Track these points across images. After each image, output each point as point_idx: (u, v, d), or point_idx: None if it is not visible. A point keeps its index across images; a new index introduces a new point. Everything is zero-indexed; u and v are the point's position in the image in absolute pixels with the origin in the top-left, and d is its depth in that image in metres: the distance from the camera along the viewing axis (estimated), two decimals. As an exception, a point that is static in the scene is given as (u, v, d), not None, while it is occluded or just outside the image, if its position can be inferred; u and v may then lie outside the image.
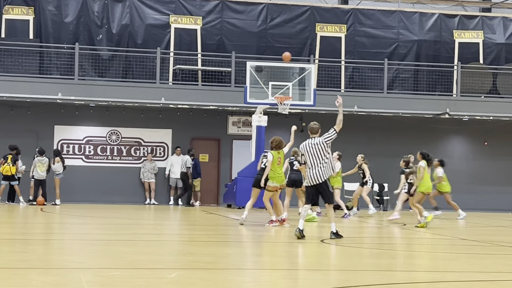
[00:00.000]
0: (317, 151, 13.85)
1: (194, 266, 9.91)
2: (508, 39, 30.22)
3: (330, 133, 13.99)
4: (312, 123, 14.37)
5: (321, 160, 13.77)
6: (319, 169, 13.70)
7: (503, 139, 29.15)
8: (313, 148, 13.90)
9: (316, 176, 13.70)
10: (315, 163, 13.77)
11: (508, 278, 9.27)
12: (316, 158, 13.81)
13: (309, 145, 14.02)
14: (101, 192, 27.09)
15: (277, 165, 17.21)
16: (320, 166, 13.71)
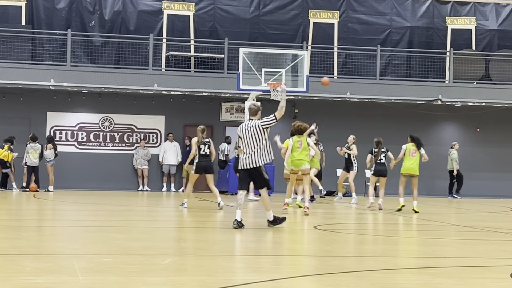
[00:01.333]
0: (253, 134, 12.98)
1: (187, 252, 9.93)
2: (500, 25, 30.24)
3: (270, 119, 13.08)
4: (251, 104, 13.46)
5: (257, 144, 12.93)
6: (254, 154, 12.90)
7: (495, 125, 29.23)
8: (249, 131, 13.03)
9: (250, 160, 12.91)
10: (250, 146, 12.93)
11: (501, 263, 9.33)
12: (251, 141, 12.97)
13: (245, 127, 13.12)
14: (94, 178, 27.09)
15: (297, 149, 17.46)
16: (254, 150, 12.91)
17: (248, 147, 12.94)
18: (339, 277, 7.96)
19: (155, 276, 7.62)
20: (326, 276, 8.05)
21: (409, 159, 18.73)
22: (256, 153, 12.91)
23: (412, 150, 18.71)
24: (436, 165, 27.14)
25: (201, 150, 18.05)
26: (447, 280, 7.88)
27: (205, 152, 18.06)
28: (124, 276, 7.52)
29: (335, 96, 27.33)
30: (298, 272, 8.04)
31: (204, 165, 18.33)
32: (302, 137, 17.63)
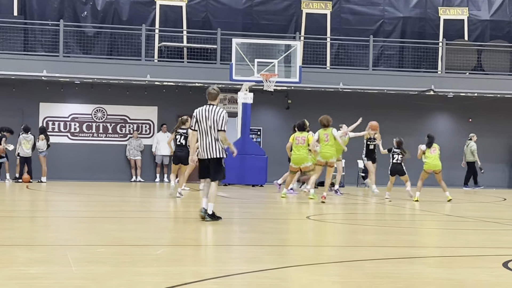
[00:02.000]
0: (212, 121, 12.12)
1: (180, 242, 9.96)
2: (493, 16, 30.28)
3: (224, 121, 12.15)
4: (211, 88, 12.49)
5: (214, 132, 12.09)
6: (212, 141, 12.09)
7: (487, 115, 29.29)
8: (208, 116, 12.16)
9: (208, 149, 12.12)
10: (208, 133, 12.12)
11: (492, 253, 9.38)
12: (209, 128, 12.12)
13: (205, 111, 12.27)
14: (87, 169, 27.07)
15: (324, 142, 17.62)
16: (212, 137, 12.09)
17: (207, 133, 12.12)
18: (331, 267, 8.00)
19: (148, 266, 7.64)
20: (318, 266, 8.08)
21: (430, 156, 19.18)
22: (215, 142, 12.09)
23: (433, 148, 19.06)
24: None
25: (176, 140, 18.35)
26: (439, 270, 7.93)
27: (181, 143, 18.28)
28: (117, 266, 7.54)
29: (327, 86, 27.36)
30: (291, 262, 8.08)
31: (179, 156, 18.50)
32: (328, 129, 17.77)
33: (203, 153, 12.18)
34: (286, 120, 28.31)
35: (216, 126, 12.07)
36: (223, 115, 12.14)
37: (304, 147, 18.73)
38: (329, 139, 17.66)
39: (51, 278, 6.84)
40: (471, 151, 27.89)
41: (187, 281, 6.75)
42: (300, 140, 18.92)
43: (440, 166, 19.27)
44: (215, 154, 12.11)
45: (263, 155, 25.27)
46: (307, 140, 18.69)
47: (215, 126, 12.08)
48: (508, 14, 30.41)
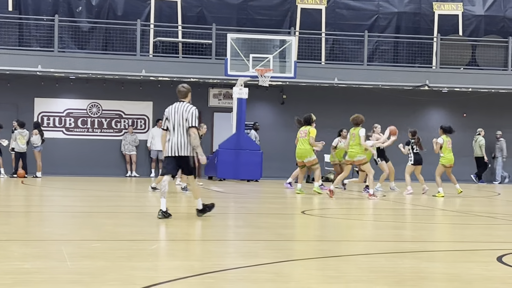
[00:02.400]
0: (182, 118, 11.76)
1: (175, 237, 9.97)
2: (487, 11, 30.32)
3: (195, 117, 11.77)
4: (180, 86, 12.14)
5: (184, 129, 11.73)
6: (182, 140, 11.73)
7: (482, 110, 29.35)
8: (178, 113, 11.79)
9: (178, 147, 11.75)
10: (179, 130, 11.75)
11: (486, 247, 9.41)
12: (179, 125, 11.75)
13: (175, 108, 11.90)
14: (82, 164, 27.07)
15: (351, 141, 17.71)
16: (183, 135, 11.72)
17: (177, 131, 11.74)
18: (326, 261, 8.03)
19: (143, 261, 7.66)
20: (313, 260, 8.11)
21: (449, 150, 19.32)
22: (185, 140, 11.73)
23: (449, 141, 19.16)
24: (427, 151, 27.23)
25: None
26: (434, 264, 7.96)
27: None
28: (112, 261, 7.56)
29: (322, 82, 27.38)
30: (286, 256, 8.10)
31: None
32: (356, 129, 17.75)
33: (170, 150, 11.78)
34: (281, 115, 28.36)
35: (187, 123, 11.70)
36: (193, 111, 11.78)
37: (306, 140, 18.63)
38: (355, 138, 17.64)
39: (46, 273, 6.85)
40: (479, 145, 28.04)
41: (182, 276, 6.76)
42: (302, 134, 18.82)
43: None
44: (184, 152, 11.75)
45: (258, 150, 25.30)
46: (309, 134, 18.61)
47: (185, 123, 11.71)
48: (502, 9, 30.45)
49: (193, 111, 11.80)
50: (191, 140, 11.70)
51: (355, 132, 17.75)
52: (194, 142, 11.70)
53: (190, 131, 11.70)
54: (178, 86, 12.16)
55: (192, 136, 11.68)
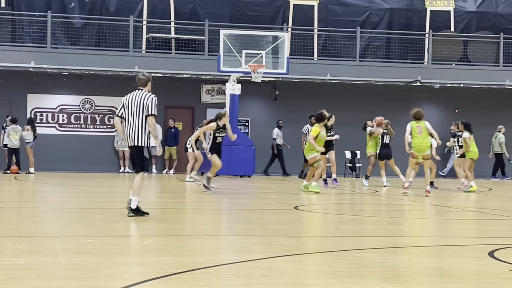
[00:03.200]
0: (140, 106, 11.26)
1: (169, 233, 10.00)
2: (478, 7, 30.39)
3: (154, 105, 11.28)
4: (140, 74, 11.60)
5: (141, 117, 11.24)
6: (138, 128, 11.24)
7: (473, 106, 29.42)
8: (135, 101, 11.32)
9: (131, 136, 11.31)
10: (135, 119, 11.27)
11: (478, 242, 9.47)
12: (136, 113, 11.27)
13: (133, 96, 11.41)
14: (75, 160, 27.05)
15: (418, 134, 17.37)
16: (140, 124, 11.24)
17: (133, 119, 11.29)
18: (319, 257, 8.07)
19: (136, 256, 7.68)
20: (306, 256, 8.15)
21: (474, 144, 19.80)
22: (141, 130, 11.25)
23: (472, 135, 19.65)
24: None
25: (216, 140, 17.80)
26: (426, 259, 8.00)
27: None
28: (105, 257, 7.58)
29: (315, 77, 27.42)
30: (279, 252, 8.13)
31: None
32: (420, 122, 17.52)
33: (127, 140, 11.43)
34: (274, 111, 28.39)
35: (145, 111, 11.18)
36: (152, 98, 11.23)
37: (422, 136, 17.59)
38: (422, 131, 17.39)
39: (39, 269, 6.86)
40: (500, 142, 28.18)
41: (176, 271, 6.79)
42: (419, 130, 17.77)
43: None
44: (137, 141, 11.25)
45: (251, 146, 25.32)
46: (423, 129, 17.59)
47: (144, 111, 11.19)
48: (494, 5, 30.53)
49: (153, 98, 11.27)
50: (150, 128, 11.20)
51: (421, 125, 17.42)
52: (153, 131, 11.23)
53: (149, 119, 11.17)
54: (138, 74, 11.61)
55: (150, 124, 11.18)
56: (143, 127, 11.22)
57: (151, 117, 11.17)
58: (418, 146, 17.45)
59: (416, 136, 17.44)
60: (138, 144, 11.25)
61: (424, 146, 17.44)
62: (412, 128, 17.53)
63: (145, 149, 11.32)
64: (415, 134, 17.44)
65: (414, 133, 17.45)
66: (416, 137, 17.45)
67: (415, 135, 17.45)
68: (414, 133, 17.45)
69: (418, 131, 17.42)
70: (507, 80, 28.65)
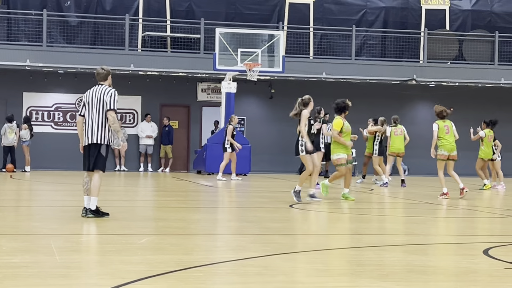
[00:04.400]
0: (100, 102, 10.90)
1: (164, 231, 10.02)
2: (474, 5, 30.45)
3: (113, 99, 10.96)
4: (99, 68, 11.33)
5: (101, 114, 10.87)
6: (98, 125, 10.87)
7: (469, 105, 29.46)
8: (95, 97, 10.96)
9: (91, 133, 10.93)
10: (95, 115, 10.89)
11: (472, 240, 9.50)
12: (96, 110, 10.90)
13: (92, 91, 11.06)
14: (71, 159, 26.96)
15: (446, 134, 16.72)
16: (100, 121, 10.87)
17: (94, 116, 10.90)
18: (314, 255, 8.09)
19: (132, 255, 7.70)
20: (302, 254, 8.18)
21: (489, 145, 20.05)
22: (101, 127, 10.87)
23: (490, 136, 19.67)
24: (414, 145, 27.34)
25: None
26: (421, 257, 8.03)
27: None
28: (101, 255, 7.60)
29: (311, 76, 27.45)
30: (274, 250, 8.16)
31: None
32: (447, 121, 16.91)
33: (86, 138, 10.96)
34: (270, 109, 28.41)
35: (105, 106, 10.80)
36: (112, 93, 10.89)
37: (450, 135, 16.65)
38: (450, 130, 16.77)
39: (35, 267, 6.87)
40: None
41: (172, 270, 6.81)
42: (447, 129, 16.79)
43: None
44: (96, 138, 10.83)
45: (247, 145, 25.34)
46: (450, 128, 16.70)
47: (104, 106, 10.81)
48: (489, 4, 30.59)
49: (113, 93, 10.92)
50: (110, 123, 10.82)
51: (448, 125, 16.82)
52: (114, 126, 10.85)
53: (108, 114, 10.78)
54: (98, 68, 11.29)
55: (110, 119, 10.79)
56: (103, 124, 10.83)
57: (110, 112, 10.78)
58: (448, 145, 16.65)
59: (444, 136, 16.74)
60: (98, 142, 10.85)
61: (453, 146, 16.71)
62: (439, 127, 16.81)
63: (104, 147, 10.91)
64: (443, 134, 16.74)
65: (442, 133, 16.74)
66: (444, 137, 16.74)
67: (442, 135, 16.74)
68: (441, 133, 16.74)
69: (446, 131, 16.76)
70: (502, 78, 28.70)
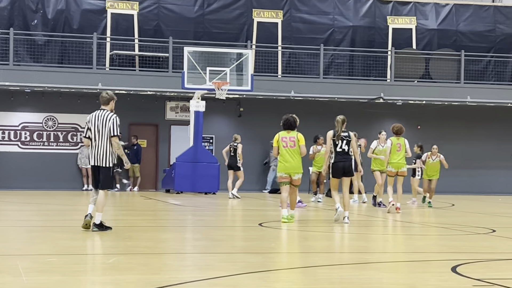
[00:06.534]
0: (103, 127, 11.66)
1: (133, 251, 9.95)
2: (440, 25, 30.80)
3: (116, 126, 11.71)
4: (104, 93, 11.99)
5: (106, 139, 11.63)
6: (103, 149, 11.65)
7: (435, 123, 29.75)
8: (99, 122, 11.70)
9: (100, 157, 11.69)
10: (100, 139, 11.66)
11: (441, 258, 9.55)
12: (100, 134, 11.67)
13: (96, 116, 11.79)
14: (38, 178, 26.81)
15: (396, 151, 17.26)
16: (105, 145, 11.63)
17: (98, 140, 11.66)
18: (283, 274, 8.08)
19: (100, 275, 7.64)
20: (271, 273, 8.16)
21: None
22: (105, 149, 11.65)
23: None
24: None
25: (337, 147, 14.57)
26: (390, 275, 8.06)
27: (342, 149, 14.53)
28: (69, 276, 7.53)
29: (279, 94, 27.52)
30: (244, 269, 8.13)
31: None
32: (400, 139, 17.42)
33: (92, 160, 11.81)
34: (238, 127, 28.42)
35: (108, 132, 11.60)
36: (113, 119, 11.66)
37: (296, 151, 14.23)
38: (402, 148, 17.33)
39: (2, 288, 6.80)
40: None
41: (140, 289, 6.76)
42: (288, 142, 14.32)
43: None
44: (105, 162, 11.69)
45: (216, 163, 25.31)
46: (298, 142, 14.30)
47: (107, 132, 11.61)
48: (454, 23, 30.96)
49: (114, 119, 11.68)
50: (115, 149, 11.66)
51: (401, 142, 17.41)
52: (118, 151, 11.71)
53: (112, 140, 11.61)
54: (102, 92, 12.04)
55: (114, 145, 11.63)
56: (109, 148, 11.64)
57: (114, 138, 11.59)
58: (396, 163, 17.40)
59: (395, 153, 17.38)
60: (106, 166, 11.68)
61: (400, 164, 17.39)
62: (392, 144, 17.46)
63: (110, 170, 11.74)
64: (394, 151, 17.39)
65: (394, 149, 17.39)
66: (395, 154, 17.38)
67: (394, 151, 17.39)
68: (393, 149, 17.40)
69: (397, 148, 17.37)
70: (468, 96, 29.00)
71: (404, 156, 17.54)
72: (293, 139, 14.27)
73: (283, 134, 14.37)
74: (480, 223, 15.42)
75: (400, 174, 17.58)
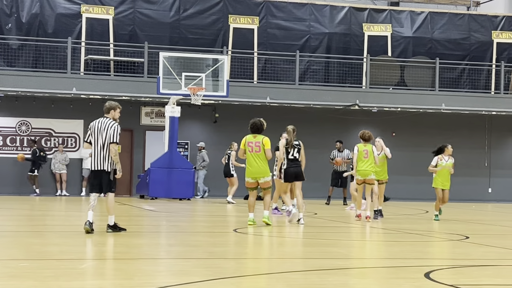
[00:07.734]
0: (104, 134, 12.41)
1: (106, 256, 9.88)
2: (415, 32, 30.97)
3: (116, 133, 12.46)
4: (108, 102, 12.90)
5: (106, 145, 12.36)
6: (103, 154, 12.33)
7: (410, 130, 29.88)
8: (100, 128, 12.45)
9: (101, 162, 12.32)
10: (100, 145, 12.36)
11: (415, 264, 9.57)
12: (101, 141, 12.37)
13: (98, 123, 12.58)
14: (11, 183, 26.60)
15: (363, 158, 16.53)
16: (105, 151, 12.31)
17: (100, 146, 12.36)
18: (257, 279, 8.06)
19: (72, 280, 7.57)
20: (244, 278, 8.13)
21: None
22: (104, 154, 12.34)
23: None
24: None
25: (289, 154, 15.70)
26: (363, 280, 8.06)
27: (294, 157, 15.65)
28: (40, 281, 7.45)
29: (255, 100, 27.52)
30: (217, 274, 8.10)
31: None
32: (368, 145, 16.67)
33: (94, 164, 12.42)
34: (214, 133, 28.39)
35: (108, 139, 12.34)
36: (114, 127, 12.46)
37: (261, 156, 14.69)
38: (369, 155, 16.57)
39: (-28, 293, 6.72)
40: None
41: (113, 295, 6.71)
42: (254, 147, 14.80)
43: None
44: (106, 167, 12.33)
45: (190, 169, 25.25)
46: (263, 146, 14.74)
47: (107, 139, 12.35)
48: (430, 30, 31.16)
49: (116, 127, 12.45)
50: (112, 155, 12.27)
51: (368, 149, 16.60)
52: (114, 158, 12.30)
53: (111, 146, 12.27)
54: (106, 102, 12.90)
55: (112, 151, 12.27)
56: (108, 153, 12.32)
57: (113, 144, 12.29)
58: (363, 171, 16.65)
59: (362, 160, 16.63)
60: (108, 170, 12.30)
61: (368, 171, 16.63)
62: (359, 151, 16.67)
63: (112, 173, 12.36)
64: (361, 158, 16.61)
65: (360, 156, 16.61)
66: (362, 161, 16.64)
67: (360, 158, 16.61)
68: (360, 156, 16.61)
69: (364, 155, 16.62)
70: (443, 104, 29.18)
71: (372, 163, 16.71)
72: (259, 144, 14.77)
73: (249, 138, 14.96)
74: (454, 229, 15.50)
75: (368, 182, 16.76)
